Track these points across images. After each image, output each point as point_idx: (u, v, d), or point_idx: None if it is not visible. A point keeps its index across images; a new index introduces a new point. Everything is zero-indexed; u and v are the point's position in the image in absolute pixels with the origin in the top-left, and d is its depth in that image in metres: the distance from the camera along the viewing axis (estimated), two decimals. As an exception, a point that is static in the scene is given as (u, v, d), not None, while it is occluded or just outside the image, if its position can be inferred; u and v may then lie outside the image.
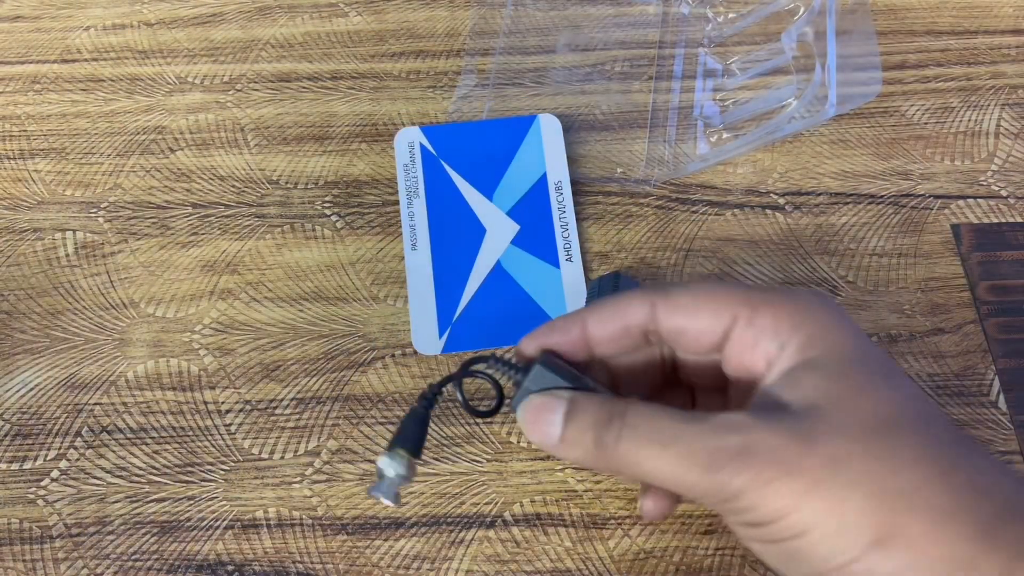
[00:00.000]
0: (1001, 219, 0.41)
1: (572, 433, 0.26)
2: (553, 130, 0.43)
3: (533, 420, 0.27)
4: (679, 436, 0.24)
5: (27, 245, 0.41)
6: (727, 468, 0.23)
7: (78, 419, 0.37)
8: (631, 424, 0.25)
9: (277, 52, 0.47)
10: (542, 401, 0.27)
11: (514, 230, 0.41)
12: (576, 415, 0.26)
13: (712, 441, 0.24)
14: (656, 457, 0.24)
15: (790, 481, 0.23)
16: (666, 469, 0.24)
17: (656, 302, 0.27)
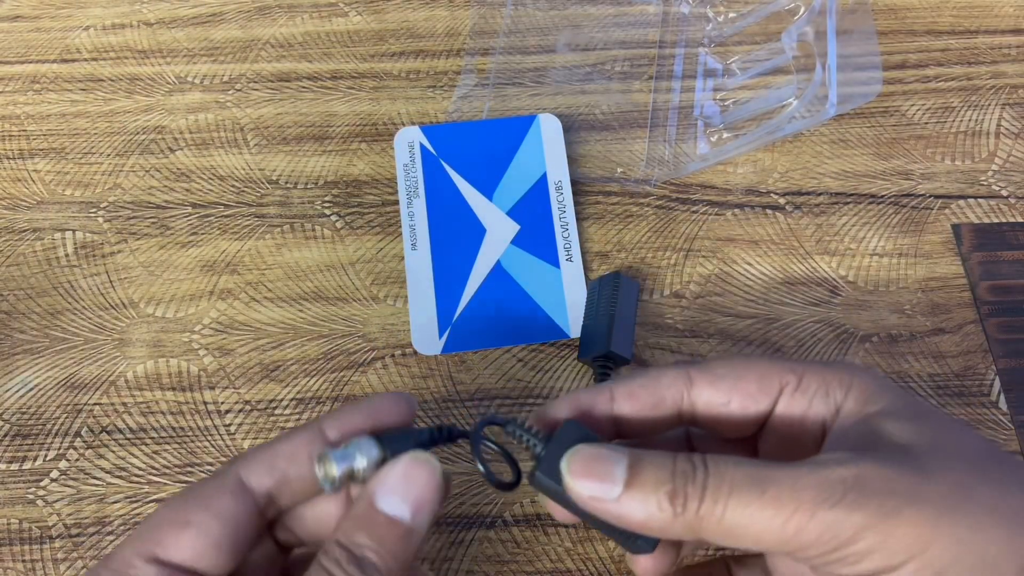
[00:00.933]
0: (1002, 219, 0.41)
1: (639, 486, 0.22)
2: (553, 130, 0.43)
3: (583, 470, 0.22)
4: (775, 478, 0.21)
5: (27, 245, 0.41)
6: (842, 503, 0.20)
7: (78, 419, 0.37)
8: (716, 472, 0.21)
9: (277, 52, 0.47)
10: (595, 451, 0.23)
11: (514, 230, 0.41)
12: (643, 466, 0.22)
13: (817, 477, 0.21)
14: (749, 504, 0.21)
15: (916, 512, 0.20)
16: (763, 518, 0.20)
17: (693, 375, 0.24)
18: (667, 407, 0.24)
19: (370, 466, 0.23)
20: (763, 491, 0.21)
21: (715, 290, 0.39)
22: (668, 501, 0.21)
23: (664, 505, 0.21)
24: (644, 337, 0.38)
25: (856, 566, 0.21)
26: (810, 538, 0.20)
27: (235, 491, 0.23)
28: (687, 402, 0.24)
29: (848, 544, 0.20)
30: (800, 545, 0.21)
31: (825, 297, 0.39)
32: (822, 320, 0.39)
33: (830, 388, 0.24)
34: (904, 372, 0.37)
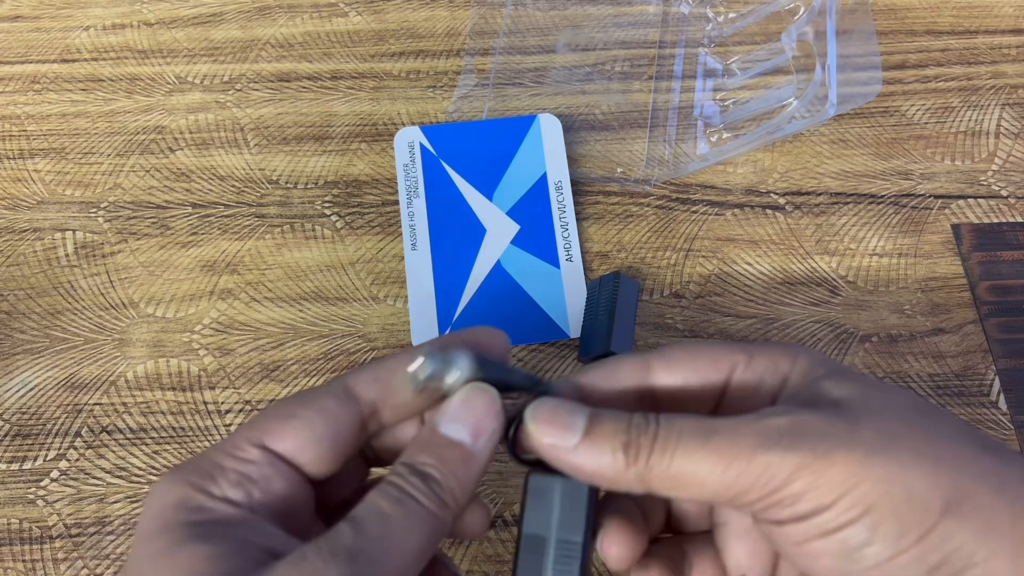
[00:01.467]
0: (1001, 219, 0.41)
1: (597, 436, 0.23)
2: (553, 130, 0.43)
3: (548, 419, 0.24)
4: (718, 428, 0.22)
5: (27, 245, 0.41)
6: (777, 447, 0.22)
7: (78, 419, 0.37)
8: (666, 424, 0.23)
9: (277, 52, 0.47)
10: (558, 404, 0.24)
11: (514, 230, 0.41)
12: (601, 420, 0.24)
13: (756, 425, 0.22)
14: (694, 453, 0.22)
15: (847, 452, 0.21)
16: (706, 465, 0.22)
17: (650, 362, 0.26)
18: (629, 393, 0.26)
19: (457, 382, 0.24)
20: (707, 440, 0.22)
21: (715, 290, 0.39)
22: (622, 451, 0.23)
23: (618, 455, 0.23)
24: (644, 337, 0.38)
25: (792, 508, 0.22)
26: (748, 481, 0.22)
27: (340, 396, 0.24)
28: (647, 387, 0.26)
29: (784, 486, 0.21)
30: (740, 490, 0.22)
31: (825, 297, 0.39)
32: (822, 320, 0.39)
33: (777, 363, 0.25)
34: (904, 372, 0.37)
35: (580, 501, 0.25)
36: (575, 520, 0.25)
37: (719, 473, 0.22)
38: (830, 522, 0.21)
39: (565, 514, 0.25)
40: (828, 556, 0.22)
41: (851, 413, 0.22)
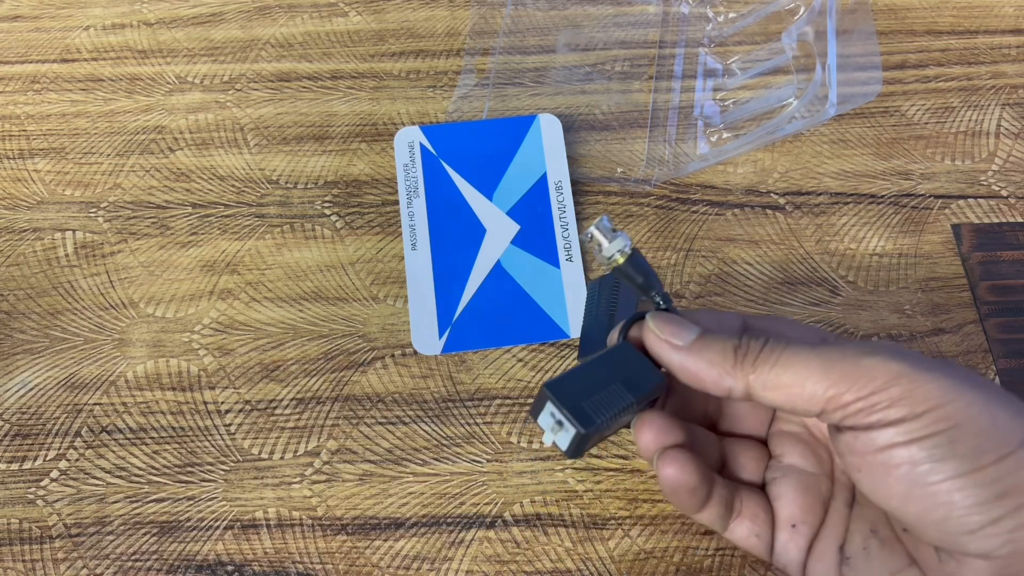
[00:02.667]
0: (1002, 219, 0.41)
1: (707, 341, 0.27)
2: (553, 130, 0.43)
3: (666, 320, 0.27)
4: (826, 346, 0.25)
5: (27, 245, 0.41)
6: (883, 354, 0.24)
7: (78, 419, 0.37)
8: (775, 338, 0.26)
9: (277, 52, 0.47)
10: (676, 316, 0.28)
11: (514, 230, 0.41)
12: (712, 334, 0.27)
13: (862, 344, 0.25)
14: (802, 355, 0.25)
15: (944, 375, 0.23)
16: (811, 368, 0.24)
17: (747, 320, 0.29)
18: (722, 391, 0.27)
19: (612, 251, 0.29)
20: (815, 350, 0.25)
21: (715, 290, 0.39)
22: (731, 351, 0.26)
23: (727, 354, 0.26)
24: (644, 337, 0.38)
25: (884, 412, 0.24)
26: (850, 382, 0.24)
27: None
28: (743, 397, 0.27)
29: (883, 389, 0.23)
30: (839, 391, 0.24)
31: (825, 297, 0.39)
32: (822, 320, 0.39)
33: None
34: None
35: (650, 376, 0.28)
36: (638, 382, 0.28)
37: (822, 375, 0.24)
38: (916, 431, 0.23)
39: (636, 374, 0.28)
40: (904, 466, 0.24)
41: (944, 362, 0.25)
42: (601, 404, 0.26)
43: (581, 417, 0.26)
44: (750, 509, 0.29)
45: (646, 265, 0.29)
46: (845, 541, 0.27)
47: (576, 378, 0.27)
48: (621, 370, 0.28)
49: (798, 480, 0.29)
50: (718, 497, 0.28)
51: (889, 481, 0.24)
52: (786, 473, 0.29)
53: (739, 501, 0.29)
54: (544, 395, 0.27)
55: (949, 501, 0.23)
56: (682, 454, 0.27)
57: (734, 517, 0.29)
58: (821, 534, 0.28)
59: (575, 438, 0.26)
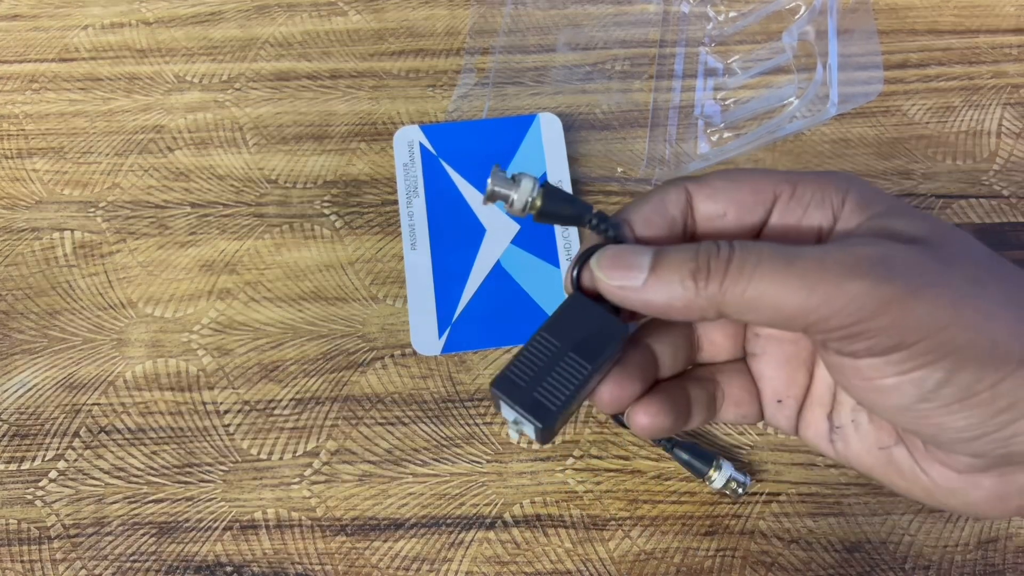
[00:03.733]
0: (1003, 219, 0.41)
1: (664, 269, 0.23)
2: (553, 129, 0.42)
3: (613, 263, 0.24)
4: (801, 253, 0.22)
5: (25, 245, 0.41)
6: (869, 277, 0.21)
7: (76, 419, 0.36)
8: (741, 248, 0.22)
9: (276, 51, 0.47)
10: (622, 248, 0.24)
11: (514, 229, 0.40)
12: (667, 254, 0.23)
13: (845, 253, 0.21)
14: (777, 274, 0.21)
15: (938, 294, 0.21)
16: (789, 288, 0.21)
17: (691, 189, 0.25)
18: (676, 226, 0.25)
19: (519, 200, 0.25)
20: (791, 263, 0.21)
21: (715, 290, 0.39)
22: (691, 278, 0.22)
23: (687, 283, 0.22)
24: (644, 337, 0.38)
25: (872, 340, 0.21)
26: (834, 308, 0.21)
27: None
28: (690, 218, 0.25)
29: (870, 318, 0.21)
30: (821, 317, 0.21)
31: (826, 297, 0.39)
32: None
33: (825, 195, 0.24)
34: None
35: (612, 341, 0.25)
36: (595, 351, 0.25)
37: (802, 298, 0.21)
38: (908, 361, 0.21)
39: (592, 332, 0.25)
40: (896, 394, 0.22)
41: (937, 253, 0.22)
42: (557, 386, 0.24)
43: (537, 411, 0.24)
44: (733, 395, 0.27)
45: (564, 193, 0.25)
46: (832, 410, 0.26)
47: (524, 363, 0.25)
48: (574, 333, 0.25)
49: (778, 352, 0.27)
50: (698, 407, 0.27)
51: (878, 402, 0.23)
52: (765, 348, 0.27)
53: (720, 392, 0.27)
54: (495, 395, 0.25)
55: (941, 422, 0.22)
56: (651, 403, 0.25)
57: (718, 409, 0.27)
58: (807, 403, 0.27)
59: (539, 431, 0.24)
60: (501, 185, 0.25)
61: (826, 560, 0.33)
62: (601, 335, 0.25)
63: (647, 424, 0.25)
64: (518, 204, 0.25)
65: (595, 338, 0.25)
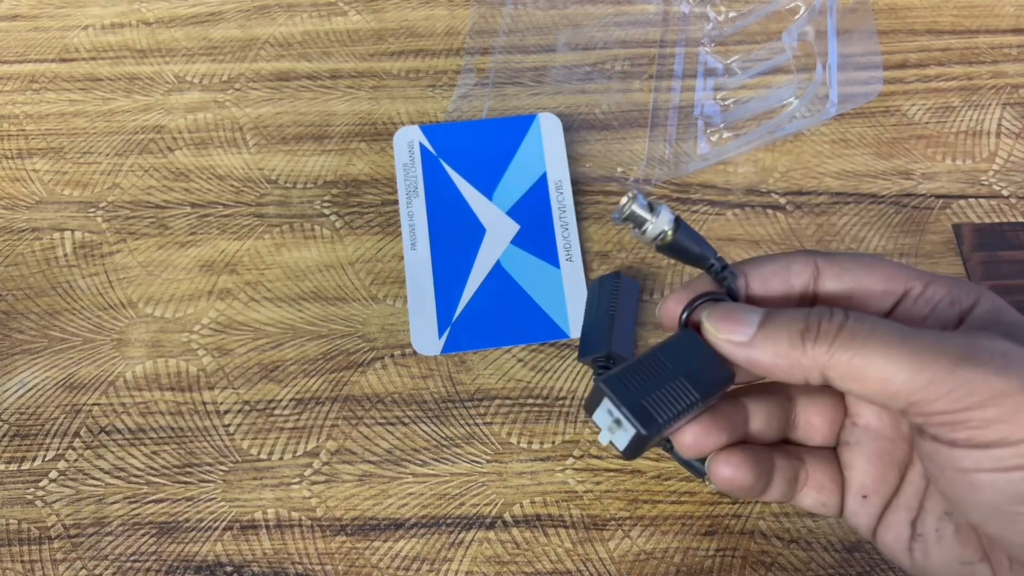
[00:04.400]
0: (1003, 219, 0.41)
1: (772, 327, 0.23)
2: (553, 129, 0.42)
3: (723, 317, 0.24)
4: (918, 333, 0.21)
5: (25, 245, 0.41)
6: (985, 366, 0.20)
7: (76, 420, 0.36)
8: (856, 316, 0.22)
9: (276, 51, 0.47)
10: (732, 305, 0.24)
11: (514, 230, 0.40)
12: (777, 315, 0.23)
13: (964, 339, 0.21)
14: (890, 347, 0.21)
15: None
16: (898, 362, 0.21)
17: (820, 264, 0.25)
18: (795, 294, 0.25)
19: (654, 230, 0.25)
20: (906, 339, 0.21)
21: (715, 290, 0.39)
22: (799, 337, 0.22)
23: (795, 341, 0.22)
24: (644, 337, 0.38)
25: (976, 431, 0.21)
26: (941, 392, 0.20)
27: None
28: (811, 290, 0.25)
29: (977, 407, 0.20)
30: (926, 397, 0.21)
31: (826, 297, 0.39)
32: (823, 320, 0.38)
33: (955, 299, 0.24)
34: None
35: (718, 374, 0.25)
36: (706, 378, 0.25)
37: (911, 373, 0.21)
38: (1010, 459, 0.20)
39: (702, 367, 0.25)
40: (991, 490, 0.21)
41: None
42: (663, 401, 0.24)
43: (642, 416, 0.23)
44: (817, 480, 0.26)
45: (696, 235, 0.25)
46: (918, 517, 0.25)
47: (636, 371, 0.24)
48: (684, 362, 0.24)
49: (873, 446, 0.26)
50: (780, 479, 0.26)
51: (969, 497, 0.22)
52: (860, 439, 0.26)
53: (804, 472, 0.26)
54: (600, 391, 0.24)
55: None
56: (735, 455, 0.25)
57: (799, 489, 0.26)
58: (893, 504, 0.26)
59: (634, 439, 0.24)
60: (642, 209, 0.25)
61: (826, 560, 0.33)
62: (711, 371, 0.25)
63: (728, 476, 0.25)
64: (652, 231, 0.25)
65: (705, 371, 0.25)
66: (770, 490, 0.26)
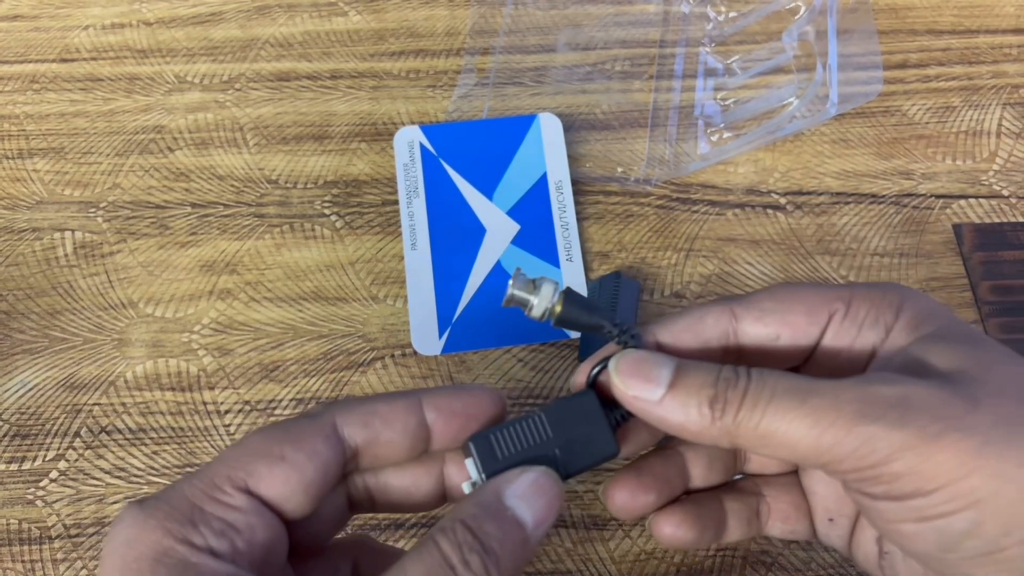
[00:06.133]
0: (1003, 219, 0.41)
1: (682, 389, 0.22)
2: (554, 129, 0.42)
3: (631, 371, 0.23)
4: (817, 390, 0.21)
5: (26, 245, 0.41)
6: (882, 421, 0.20)
7: (77, 419, 0.36)
8: (758, 380, 0.22)
9: (276, 51, 0.47)
10: (644, 355, 0.23)
11: (514, 230, 0.40)
12: (688, 371, 0.22)
13: (860, 392, 0.21)
14: (788, 412, 0.21)
15: (959, 439, 0.19)
16: (800, 427, 0.20)
17: (737, 312, 0.24)
18: (713, 347, 0.24)
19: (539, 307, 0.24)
20: (803, 401, 0.21)
21: (716, 290, 0.39)
22: (708, 406, 0.22)
23: (704, 410, 0.22)
24: (644, 337, 0.38)
25: (888, 486, 0.20)
26: (845, 451, 0.20)
27: (329, 437, 0.22)
28: (733, 340, 0.24)
29: (883, 463, 0.20)
30: (834, 458, 0.20)
31: (826, 297, 0.39)
32: (823, 320, 0.38)
33: (880, 314, 0.23)
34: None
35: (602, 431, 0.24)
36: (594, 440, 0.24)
37: (813, 437, 0.20)
38: (928, 509, 0.20)
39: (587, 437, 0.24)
40: (919, 540, 0.21)
41: (967, 390, 0.20)
42: None
43: None
44: (780, 511, 0.26)
45: (587, 301, 0.25)
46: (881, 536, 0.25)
47: (511, 435, 0.24)
48: (569, 429, 0.24)
49: None
50: (736, 521, 0.26)
51: (902, 543, 0.22)
52: None
53: (765, 505, 0.26)
54: (468, 449, 0.24)
55: (970, 573, 0.21)
56: (674, 514, 0.24)
57: (764, 522, 0.26)
58: (859, 524, 0.25)
59: None
60: (522, 289, 0.24)
61: (826, 560, 0.33)
62: (594, 444, 0.24)
63: (667, 535, 0.24)
64: (536, 311, 0.24)
65: (588, 444, 0.24)
66: (727, 533, 0.26)
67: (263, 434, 0.22)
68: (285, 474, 0.21)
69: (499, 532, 0.21)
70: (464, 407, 0.24)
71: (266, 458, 0.21)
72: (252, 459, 0.21)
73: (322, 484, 0.22)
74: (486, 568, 0.20)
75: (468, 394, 0.24)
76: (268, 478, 0.21)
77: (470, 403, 0.24)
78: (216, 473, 0.21)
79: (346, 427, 0.23)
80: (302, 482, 0.21)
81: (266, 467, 0.21)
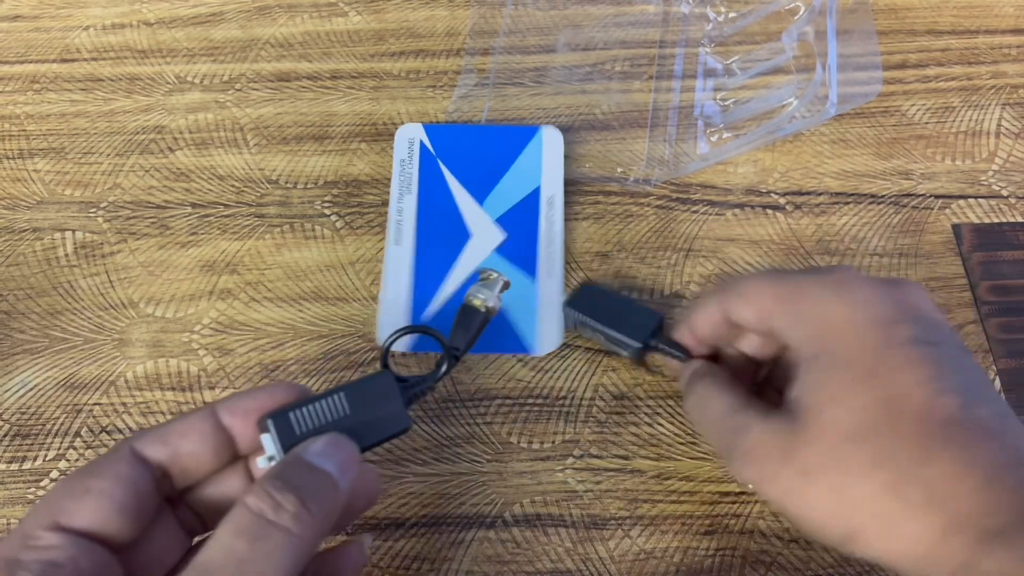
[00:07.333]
0: (1002, 219, 0.41)
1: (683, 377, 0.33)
2: (555, 143, 0.42)
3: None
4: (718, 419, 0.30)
5: (26, 245, 0.41)
6: (736, 463, 0.28)
7: (77, 419, 0.37)
8: (697, 392, 0.31)
9: (277, 51, 0.47)
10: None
11: (499, 238, 0.40)
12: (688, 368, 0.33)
13: (733, 437, 0.29)
14: (700, 423, 0.32)
15: (774, 486, 0.27)
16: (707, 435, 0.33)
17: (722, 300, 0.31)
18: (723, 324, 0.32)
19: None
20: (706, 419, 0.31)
21: (715, 290, 0.39)
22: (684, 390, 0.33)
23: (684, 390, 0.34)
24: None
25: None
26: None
27: (130, 460, 0.24)
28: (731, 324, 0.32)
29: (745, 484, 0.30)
30: None
31: (825, 297, 0.39)
32: (822, 320, 0.38)
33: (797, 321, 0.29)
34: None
35: None
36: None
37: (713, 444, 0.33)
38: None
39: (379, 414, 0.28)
40: None
41: (796, 435, 0.26)
42: None
43: None
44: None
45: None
46: None
47: (309, 412, 0.26)
48: (365, 407, 0.27)
49: None
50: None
51: None
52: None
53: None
54: (264, 424, 0.26)
55: None
56: None
57: None
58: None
59: None
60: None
61: (826, 560, 0.33)
62: (386, 421, 0.28)
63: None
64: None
65: (379, 421, 0.28)
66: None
67: (66, 477, 0.24)
68: (95, 502, 0.23)
69: (309, 477, 0.23)
70: (259, 404, 0.26)
71: (71, 494, 0.23)
72: (58, 499, 0.23)
73: (137, 505, 0.23)
74: (303, 503, 0.22)
75: (263, 391, 0.26)
76: (79, 511, 0.22)
77: (265, 399, 0.26)
78: (26, 525, 0.22)
79: (145, 449, 0.24)
80: (113, 506, 0.23)
81: (72, 502, 0.23)
